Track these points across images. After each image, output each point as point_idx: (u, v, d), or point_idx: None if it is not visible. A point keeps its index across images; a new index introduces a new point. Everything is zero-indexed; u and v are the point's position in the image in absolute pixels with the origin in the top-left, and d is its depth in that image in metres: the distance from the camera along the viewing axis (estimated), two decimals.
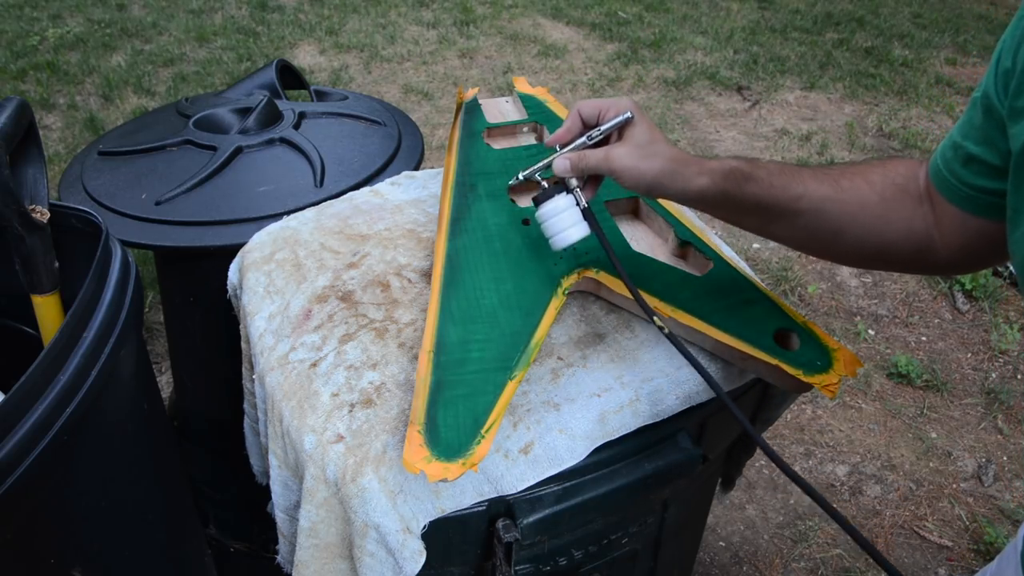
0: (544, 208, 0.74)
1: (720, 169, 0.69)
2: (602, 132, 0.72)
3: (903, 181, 0.67)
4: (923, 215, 0.66)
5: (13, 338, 0.99)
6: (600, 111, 0.73)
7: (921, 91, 3.59)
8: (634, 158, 0.69)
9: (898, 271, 0.75)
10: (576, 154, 0.73)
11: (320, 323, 0.85)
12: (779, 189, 0.68)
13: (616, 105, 0.73)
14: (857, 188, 0.67)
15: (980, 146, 0.59)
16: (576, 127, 0.74)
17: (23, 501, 0.66)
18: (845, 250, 0.71)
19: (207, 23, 4.23)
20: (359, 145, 1.27)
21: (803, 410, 1.96)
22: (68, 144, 3.04)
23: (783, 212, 0.69)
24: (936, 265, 0.68)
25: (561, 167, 0.74)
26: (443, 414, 0.69)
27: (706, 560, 1.61)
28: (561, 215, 0.73)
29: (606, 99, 0.74)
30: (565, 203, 0.74)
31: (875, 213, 0.67)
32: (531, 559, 0.81)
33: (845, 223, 0.68)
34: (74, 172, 1.22)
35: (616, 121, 0.71)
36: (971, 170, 0.60)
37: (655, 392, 0.78)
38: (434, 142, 3.07)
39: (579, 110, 0.74)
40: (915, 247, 0.67)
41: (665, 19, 4.45)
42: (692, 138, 3.19)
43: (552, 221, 0.74)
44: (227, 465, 1.21)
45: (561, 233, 0.74)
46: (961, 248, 0.64)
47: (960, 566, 1.58)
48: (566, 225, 0.74)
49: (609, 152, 0.71)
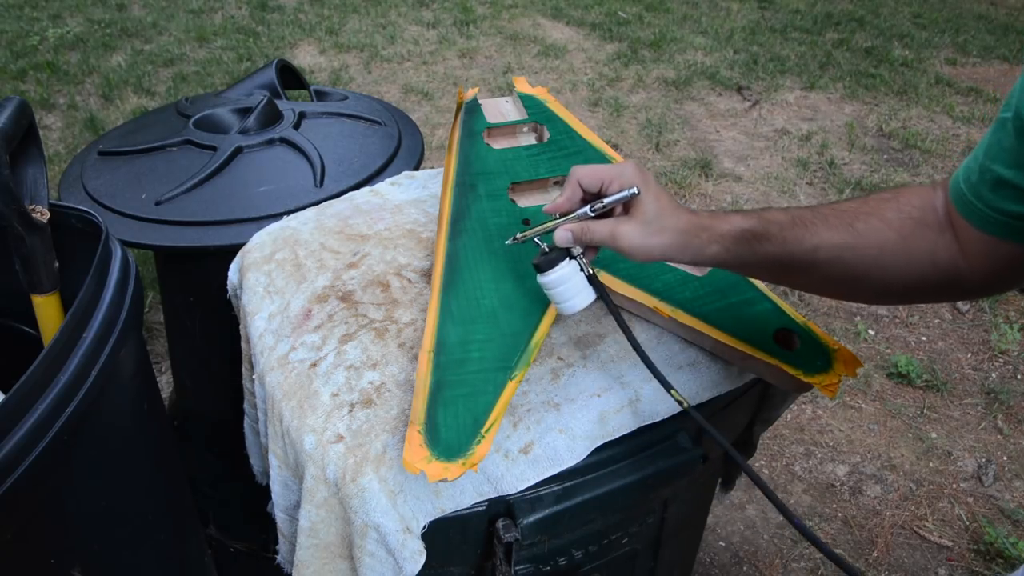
0: (548, 277, 0.71)
1: (731, 233, 0.66)
2: (605, 205, 0.69)
3: (919, 214, 0.64)
4: (946, 244, 0.63)
5: (13, 338, 0.99)
6: (602, 181, 0.69)
7: (921, 91, 3.59)
8: (642, 235, 0.66)
9: (928, 303, 0.73)
10: (579, 226, 0.69)
11: (320, 323, 0.85)
12: (793, 244, 0.66)
13: (620, 176, 0.68)
14: (874, 229, 0.65)
15: (1012, 169, 0.56)
16: (576, 196, 0.70)
17: (23, 501, 0.66)
18: (871, 293, 0.69)
19: (207, 23, 4.23)
20: (359, 145, 1.27)
21: (803, 410, 1.96)
22: (68, 144, 3.04)
23: (801, 266, 0.67)
24: (965, 291, 0.65)
25: (563, 238, 0.70)
26: (443, 414, 0.69)
27: (706, 560, 1.61)
28: (566, 284, 0.71)
29: (608, 167, 0.69)
30: (569, 271, 0.71)
31: (896, 252, 0.64)
32: (531, 559, 0.81)
33: (867, 267, 0.65)
34: (74, 172, 1.22)
35: (620, 196, 0.68)
36: (1002, 195, 0.57)
37: (655, 392, 0.78)
38: (434, 142, 3.08)
39: (578, 179, 0.70)
40: (941, 278, 0.64)
41: (665, 19, 4.45)
42: (692, 138, 3.19)
43: (558, 290, 0.72)
44: (227, 465, 1.21)
45: (568, 301, 0.72)
46: (991, 273, 0.62)
47: (960, 566, 1.58)
48: (573, 293, 0.71)
49: (615, 230, 0.67)
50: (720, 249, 0.67)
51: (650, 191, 0.68)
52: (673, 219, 0.67)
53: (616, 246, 0.68)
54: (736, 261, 0.68)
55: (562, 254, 0.71)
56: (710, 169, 2.95)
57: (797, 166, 3.00)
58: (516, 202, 0.96)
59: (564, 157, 1.03)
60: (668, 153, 3.08)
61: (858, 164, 3.02)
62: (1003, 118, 0.57)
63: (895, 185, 2.84)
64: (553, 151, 1.04)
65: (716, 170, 2.95)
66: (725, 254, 0.67)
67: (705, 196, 2.81)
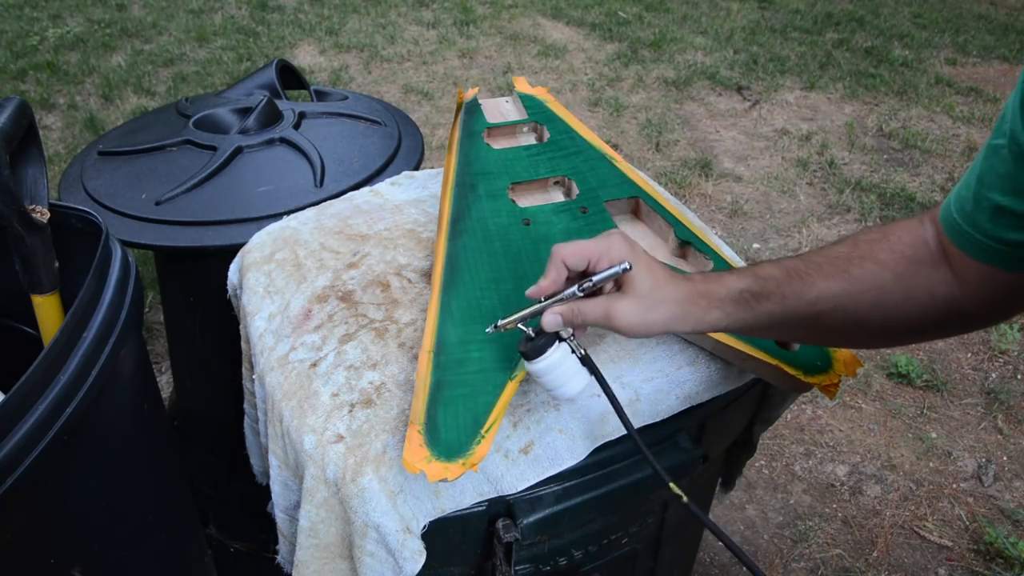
0: (538, 365, 0.66)
1: (730, 296, 0.65)
2: (595, 284, 0.65)
3: (911, 251, 0.63)
4: (942, 278, 0.62)
5: (13, 338, 0.99)
6: (589, 258, 0.65)
7: (921, 91, 3.59)
8: (639, 312, 0.64)
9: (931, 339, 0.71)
10: (568, 308, 0.65)
11: (320, 323, 0.85)
12: (792, 299, 0.65)
13: (608, 251, 0.65)
14: (870, 273, 0.64)
15: (1009, 196, 0.54)
16: (562, 277, 0.66)
17: (23, 501, 0.66)
18: (874, 337, 0.69)
19: (207, 23, 4.23)
20: (359, 145, 1.27)
21: (803, 410, 1.96)
22: (68, 144, 3.04)
23: (803, 320, 0.66)
24: (966, 323, 0.64)
25: (552, 323, 0.66)
26: (443, 414, 0.69)
27: (706, 560, 1.61)
28: (559, 369, 0.67)
29: (593, 242, 0.65)
30: (560, 355, 0.66)
31: (895, 294, 0.63)
32: (531, 559, 0.81)
33: (868, 312, 0.64)
34: (74, 172, 1.22)
35: (612, 272, 0.64)
36: (1000, 222, 0.56)
37: (655, 392, 0.78)
38: (434, 142, 3.08)
39: (563, 258, 0.65)
40: (942, 313, 0.63)
41: (665, 19, 4.45)
42: (692, 138, 3.19)
43: (550, 377, 0.67)
44: (227, 465, 1.21)
45: (563, 387, 0.68)
46: (991, 303, 0.61)
47: (960, 566, 1.58)
48: (567, 378, 0.67)
49: (610, 309, 0.64)
50: (721, 314, 0.66)
51: (641, 264, 0.65)
52: (670, 290, 0.65)
53: (612, 325, 0.65)
54: (738, 324, 0.67)
55: (550, 339, 0.67)
56: (710, 169, 2.95)
57: (797, 166, 3.00)
58: (516, 202, 0.96)
59: (564, 157, 1.03)
60: (668, 153, 3.08)
61: (858, 164, 3.02)
62: (995, 144, 0.56)
63: (895, 185, 2.84)
64: (553, 151, 1.04)
65: (716, 170, 2.96)
66: (727, 319, 0.66)
67: (705, 196, 2.81)
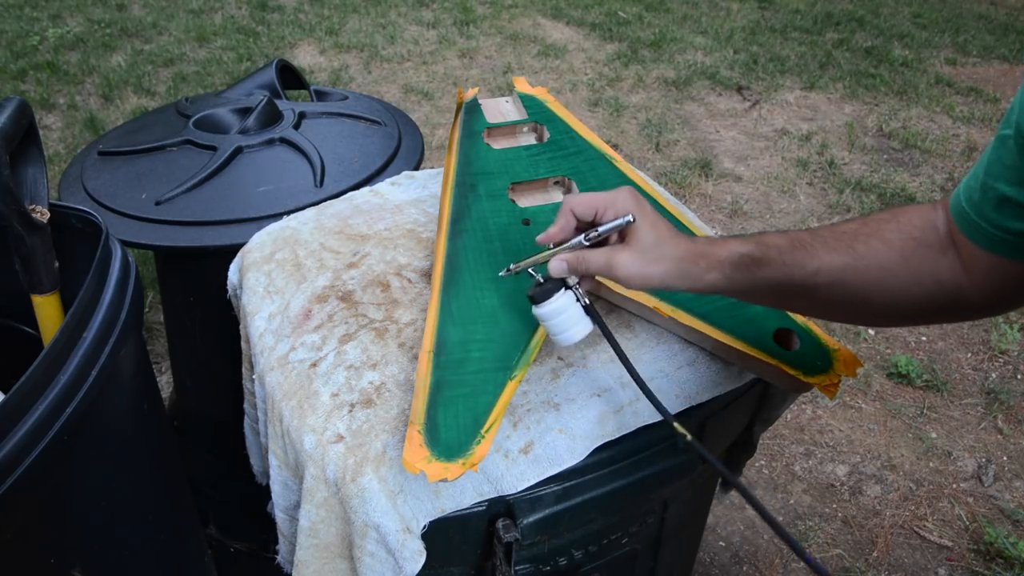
0: (544, 308, 0.70)
1: (730, 259, 0.66)
2: (600, 234, 0.68)
3: (920, 234, 0.64)
4: (949, 264, 0.62)
5: (13, 338, 0.99)
6: (596, 209, 0.68)
7: (921, 91, 3.59)
8: (639, 263, 0.66)
9: (932, 323, 0.71)
10: (574, 255, 0.68)
11: (320, 323, 0.85)
12: (793, 267, 0.65)
13: (615, 203, 0.67)
14: (875, 251, 0.64)
15: (1015, 187, 0.55)
16: (570, 226, 0.69)
17: (23, 501, 0.66)
18: (874, 315, 0.69)
19: (207, 23, 4.23)
20: (359, 145, 1.27)
21: (803, 410, 1.96)
22: (68, 144, 3.04)
23: (802, 290, 0.66)
24: (968, 311, 0.64)
25: (558, 269, 0.69)
26: (443, 414, 0.69)
27: (706, 560, 1.61)
28: (563, 315, 0.70)
29: (602, 194, 0.68)
30: (565, 301, 0.69)
31: (899, 274, 0.64)
32: (531, 559, 0.81)
33: (869, 290, 0.65)
34: (74, 172, 1.22)
35: (616, 224, 0.67)
36: (1005, 212, 0.57)
37: (655, 392, 0.78)
38: (434, 142, 3.08)
39: (572, 208, 0.68)
40: (945, 298, 0.63)
41: (665, 19, 4.45)
42: (692, 138, 3.19)
43: (554, 321, 0.70)
44: (227, 465, 1.21)
45: (565, 332, 0.71)
46: (995, 292, 0.61)
47: (960, 566, 1.58)
48: (570, 324, 0.70)
49: (612, 258, 0.66)
50: (719, 275, 0.66)
51: (646, 218, 0.67)
52: (671, 247, 0.66)
53: (613, 275, 0.67)
54: (735, 287, 0.68)
55: (557, 285, 0.70)
56: (710, 169, 2.95)
57: (797, 166, 3.00)
58: (516, 202, 0.96)
59: (564, 157, 1.03)
60: (668, 153, 3.08)
61: (858, 164, 3.02)
62: (1003, 135, 0.56)
63: (895, 185, 2.84)
64: (553, 151, 1.04)
65: (716, 170, 2.95)
66: (724, 280, 0.67)
67: (705, 196, 2.81)
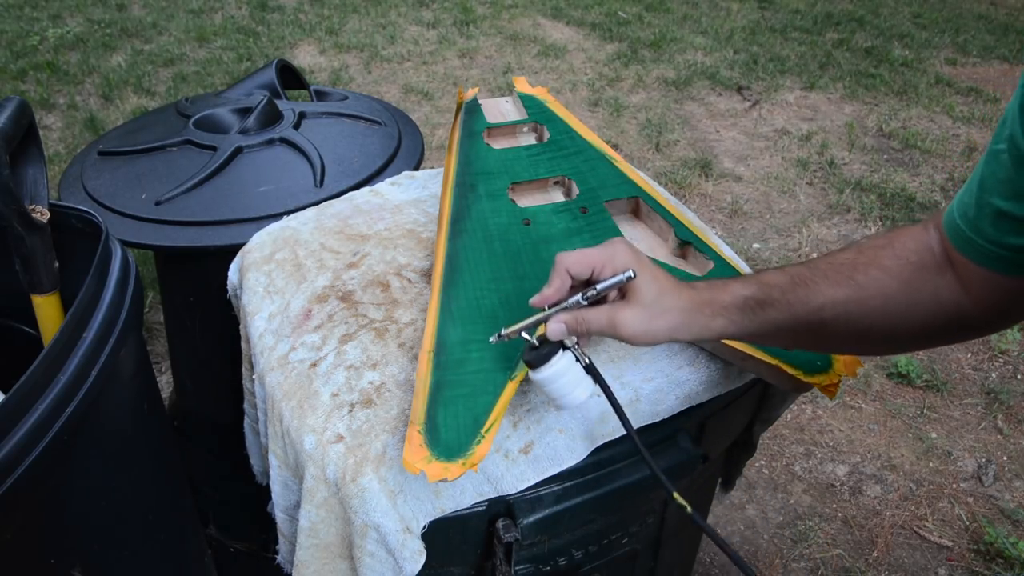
0: (543, 373, 0.67)
1: (734, 304, 0.65)
2: (599, 292, 0.65)
3: (916, 258, 0.63)
4: (947, 284, 0.62)
5: (13, 338, 0.99)
6: (593, 267, 0.66)
7: (921, 91, 3.59)
8: (644, 320, 0.64)
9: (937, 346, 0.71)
10: (572, 316, 0.66)
11: (320, 323, 0.85)
12: (798, 306, 0.64)
13: (612, 260, 0.65)
14: (875, 280, 0.63)
15: (1010, 201, 0.54)
16: (565, 285, 0.66)
17: (23, 501, 0.66)
18: (878, 344, 0.69)
19: (207, 23, 4.23)
20: (359, 145, 1.27)
21: (803, 410, 1.96)
22: (68, 144, 3.04)
23: (808, 327, 0.66)
24: (972, 329, 0.64)
25: (557, 331, 0.66)
26: (443, 414, 0.69)
27: (706, 560, 1.61)
28: (564, 378, 0.67)
29: (597, 251, 0.66)
30: (565, 364, 0.67)
31: (900, 301, 0.63)
32: (531, 559, 0.81)
33: (873, 319, 0.64)
34: (74, 172, 1.22)
35: (616, 281, 0.65)
36: (1002, 228, 0.56)
37: (655, 392, 0.78)
38: (434, 142, 3.08)
39: (567, 267, 0.66)
40: (947, 319, 0.63)
41: (665, 19, 4.45)
42: (692, 138, 3.19)
43: (555, 386, 0.67)
44: (227, 465, 1.21)
45: (568, 396, 0.68)
46: (996, 309, 0.61)
47: (960, 566, 1.58)
48: (571, 387, 0.67)
49: (614, 317, 0.64)
50: (725, 322, 0.66)
51: (645, 272, 0.65)
52: (674, 298, 0.65)
53: (617, 334, 0.65)
54: (743, 332, 0.67)
55: (554, 347, 0.67)
56: (710, 169, 2.95)
57: (797, 166, 3.00)
58: (516, 202, 0.96)
59: (564, 157, 1.03)
60: (668, 153, 3.08)
61: (858, 164, 3.02)
62: (995, 150, 0.56)
63: (895, 185, 2.84)
64: (553, 151, 1.04)
65: (716, 170, 2.95)
66: (732, 326, 0.66)
67: (705, 196, 2.81)
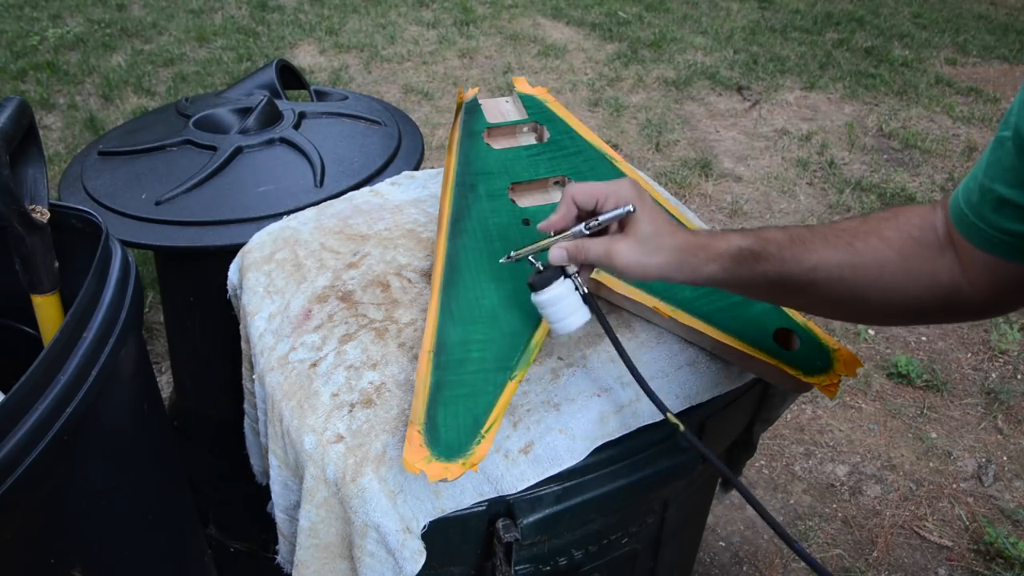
0: (542, 296, 0.70)
1: (728, 252, 0.66)
2: (600, 223, 0.68)
3: (919, 233, 0.64)
4: (947, 265, 0.62)
5: (13, 338, 0.99)
6: (597, 198, 0.68)
7: (921, 91, 3.59)
8: (638, 254, 0.66)
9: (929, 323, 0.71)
10: (573, 244, 0.69)
11: (320, 323, 0.85)
12: (792, 262, 0.65)
13: (616, 193, 0.68)
14: (873, 249, 0.64)
15: (1014, 188, 0.55)
16: (571, 214, 0.70)
17: (23, 501, 0.66)
18: (871, 313, 0.69)
19: (207, 23, 4.23)
20: (359, 145, 1.27)
21: (803, 410, 1.96)
22: (68, 144, 3.04)
23: (799, 285, 0.66)
24: (968, 312, 0.64)
25: (558, 257, 0.70)
26: (443, 414, 0.69)
27: (706, 560, 1.61)
28: (561, 303, 0.70)
29: (603, 184, 0.69)
30: (564, 289, 0.70)
31: (897, 272, 0.64)
32: (531, 559, 0.81)
33: (867, 287, 0.65)
34: (74, 172, 1.22)
35: (616, 214, 0.68)
36: (1004, 214, 0.57)
37: (656, 392, 0.78)
38: (434, 142, 3.07)
39: (573, 196, 0.69)
40: (943, 299, 0.63)
41: (665, 19, 4.45)
42: (692, 138, 3.19)
43: (552, 309, 0.71)
44: (227, 465, 1.21)
45: (563, 320, 0.71)
46: (993, 293, 0.61)
47: (960, 566, 1.58)
48: (567, 312, 0.70)
49: (610, 248, 0.67)
50: (717, 268, 0.67)
51: (646, 209, 0.67)
52: (670, 238, 0.67)
53: (611, 264, 0.67)
54: (734, 280, 0.68)
55: (557, 273, 0.70)
56: (710, 169, 2.95)
57: (797, 166, 3.00)
58: (516, 202, 0.96)
59: (564, 157, 1.03)
60: (668, 153, 3.08)
61: (858, 164, 3.02)
62: (1001, 137, 0.57)
63: (895, 185, 2.84)
64: (553, 151, 1.04)
65: (716, 170, 2.96)
66: (723, 273, 0.67)
67: (705, 196, 2.81)
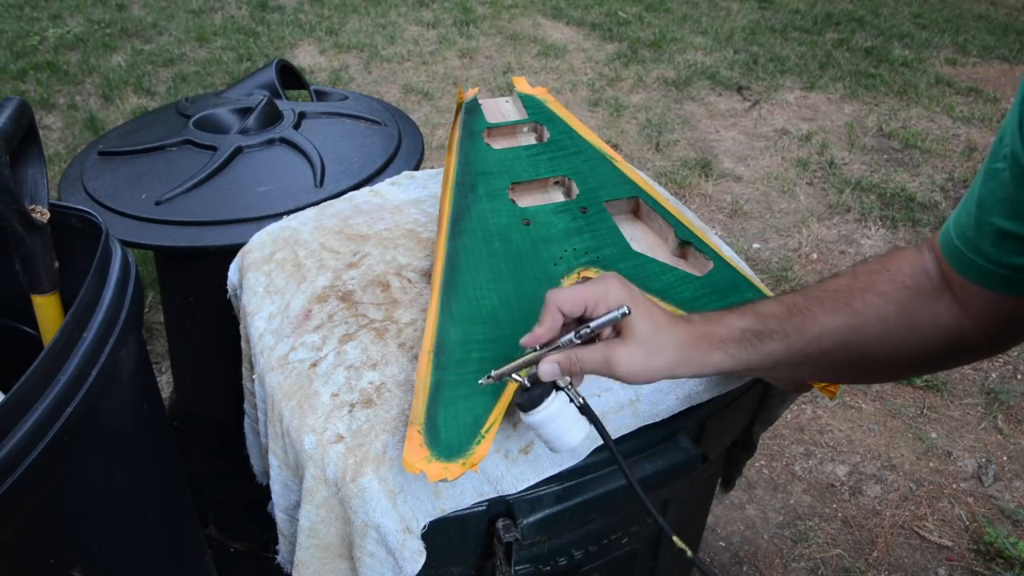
0: (535, 416, 0.64)
1: (731, 337, 0.64)
2: (593, 330, 0.62)
3: (912, 282, 0.62)
4: (946, 307, 0.61)
5: (13, 338, 0.99)
6: (586, 304, 0.62)
7: (921, 91, 3.59)
8: (641, 358, 0.62)
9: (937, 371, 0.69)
10: (565, 356, 0.63)
11: (320, 323, 0.85)
12: (795, 335, 0.64)
13: (606, 296, 0.62)
14: (872, 306, 0.63)
15: (1012, 220, 0.53)
16: (557, 324, 0.63)
17: (23, 501, 0.66)
18: (878, 371, 0.68)
19: (207, 23, 4.23)
20: (359, 145, 1.27)
21: (803, 410, 1.96)
22: (68, 144, 3.04)
23: (807, 357, 0.65)
24: (972, 352, 0.63)
25: (550, 372, 0.63)
26: (443, 414, 0.69)
27: (706, 560, 1.61)
28: (557, 420, 0.64)
29: (589, 287, 0.63)
30: (558, 405, 0.64)
31: (899, 326, 0.62)
32: (531, 559, 0.81)
33: (873, 346, 0.63)
34: (74, 172, 1.22)
35: (610, 318, 0.62)
36: (1005, 247, 0.55)
37: (655, 392, 0.78)
38: (434, 142, 3.08)
39: (558, 305, 0.62)
40: (947, 344, 0.62)
41: (665, 19, 4.45)
42: (692, 138, 3.19)
43: (548, 428, 0.64)
44: (227, 465, 1.21)
45: (561, 438, 0.65)
46: (996, 330, 0.60)
47: (960, 566, 1.58)
48: (565, 429, 0.64)
49: (610, 356, 0.62)
50: (723, 356, 0.65)
51: (639, 307, 0.63)
52: (670, 334, 0.63)
53: (612, 373, 0.63)
54: (741, 365, 0.66)
55: (547, 389, 0.64)
56: (710, 169, 2.95)
57: (797, 166, 3.00)
58: (516, 202, 0.96)
59: (564, 157, 1.03)
60: (668, 153, 3.08)
61: (858, 164, 3.02)
62: (993, 168, 0.55)
63: (895, 185, 2.84)
64: (553, 151, 1.04)
65: (716, 170, 2.96)
66: (729, 360, 0.65)
67: (705, 196, 2.81)
